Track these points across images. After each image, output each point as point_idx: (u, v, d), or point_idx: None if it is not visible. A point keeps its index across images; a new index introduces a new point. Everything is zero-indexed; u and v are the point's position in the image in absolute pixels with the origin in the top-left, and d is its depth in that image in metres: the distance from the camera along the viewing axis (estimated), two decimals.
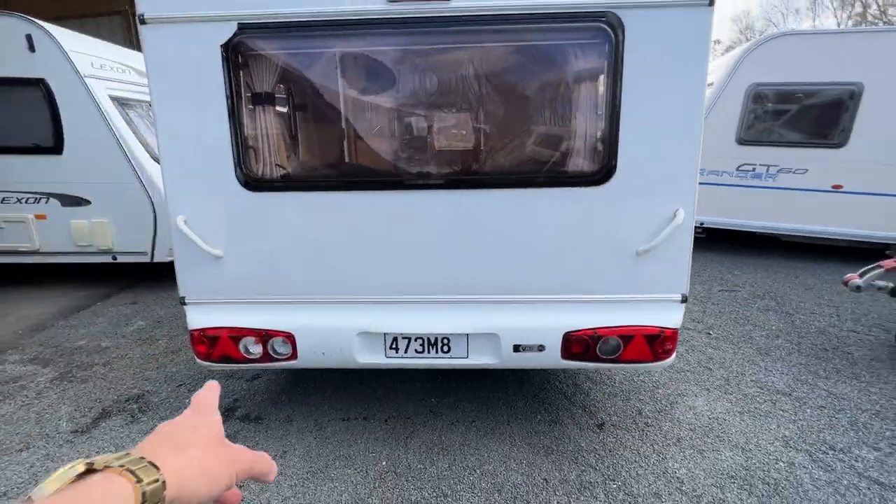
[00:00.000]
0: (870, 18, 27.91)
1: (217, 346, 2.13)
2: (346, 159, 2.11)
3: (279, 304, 2.15)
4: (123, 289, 4.77)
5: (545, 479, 2.10)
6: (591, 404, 2.67)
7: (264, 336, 2.11)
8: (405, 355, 2.14)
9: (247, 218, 2.07)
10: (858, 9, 29.35)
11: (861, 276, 3.19)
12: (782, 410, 2.62)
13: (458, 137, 2.06)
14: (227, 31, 1.88)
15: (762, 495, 2.01)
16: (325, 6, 1.84)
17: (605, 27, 1.81)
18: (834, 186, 5.23)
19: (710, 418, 2.55)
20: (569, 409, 2.62)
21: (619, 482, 2.09)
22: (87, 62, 4.20)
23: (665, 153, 1.92)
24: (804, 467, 2.18)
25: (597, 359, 2.08)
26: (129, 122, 4.37)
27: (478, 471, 2.15)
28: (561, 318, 2.06)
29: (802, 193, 5.35)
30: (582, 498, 1.99)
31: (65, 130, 4.21)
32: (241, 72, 1.92)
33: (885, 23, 26.07)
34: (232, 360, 2.17)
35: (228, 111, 1.94)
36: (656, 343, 2.04)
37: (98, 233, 4.41)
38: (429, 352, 2.13)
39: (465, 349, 2.12)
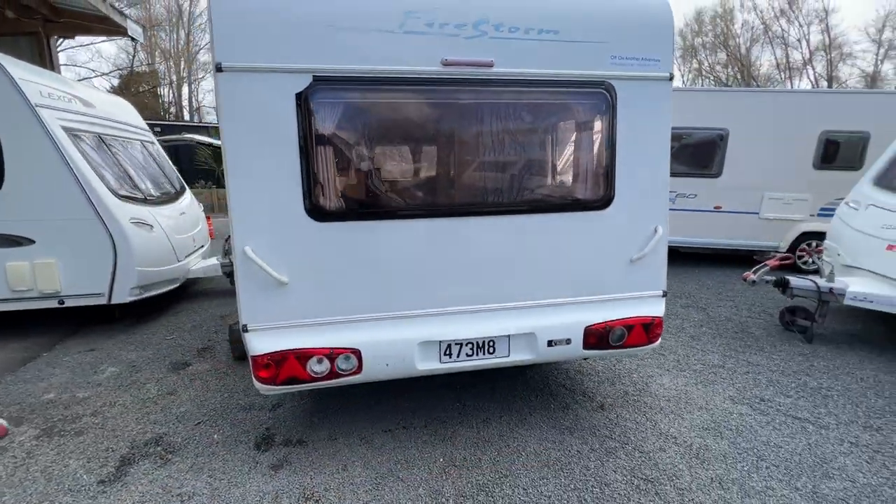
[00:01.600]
0: (703, 73, 34.42)
1: (283, 368, 2.24)
2: (403, 192, 2.43)
3: (343, 324, 2.34)
4: (68, 336, 4.27)
5: (578, 451, 2.54)
6: (588, 391, 3.20)
7: (330, 354, 2.28)
8: (457, 359, 2.46)
9: (312, 246, 2.27)
10: (695, 65, 36.19)
11: (755, 273, 4.23)
12: (722, 378, 3.40)
13: (497, 172, 2.51)
14: (303, 82, 2.14)
15: (731, 438, 2.67)
16: (390, 65, 2.20)
17: (605, 91, 2.43)
18: (716, 207, 6.66)
19: (677, 391, 3.22)
20: (573, 397, 3.11)
21: (631, 445, 2.60)
22: (37, 90, 3.88)
23: (646, 183, 2.57)
24: (749, 415, 2.91)
25: (608, 346, 2.61)
26: (85, 155, 4.07)
27: (523, 453, 2.52)
28: (581, 316, 2.56)
29: (694, 213, 6.71)
30: (610, 460, 2.46)
31: (6, 163, 3.80)
32: (312, 116, 2.17)
33: (715, 78, 32.49)
34: (298, 380, 2.29)
35: (299, 150, 2.18)
36: (650, 329, 2.64)
37: (43, 275, 3.97)
38: (477, 354, 2.48)
39: (507, 349, 2.50)
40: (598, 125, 2.50)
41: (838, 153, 6.37)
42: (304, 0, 2.13)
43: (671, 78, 2.53)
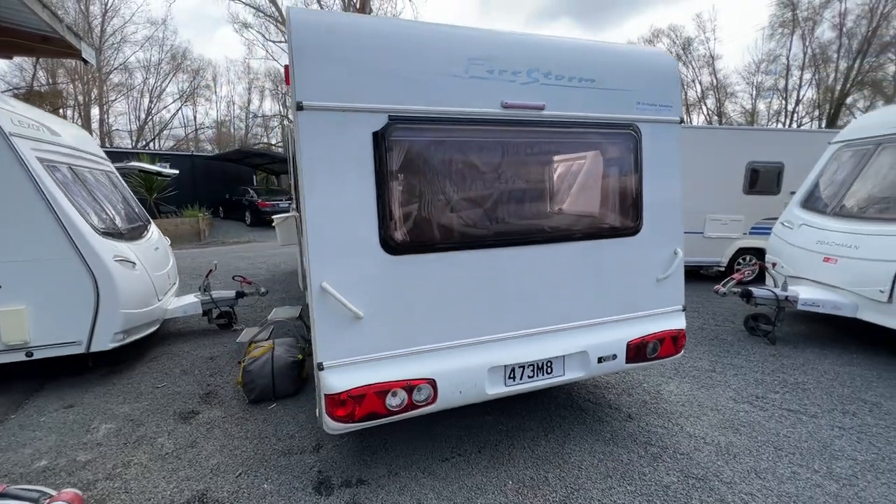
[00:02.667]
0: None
1: (363, 404, 2.22)
2: (469, 224, 2.53)
3: (416, 354, 2.37)
4: (33, 393, 3.73)
5: (628, 459, 2.73)
6: (612, 403, 3.43)
7: (407, 386, 2.29)
8: (520, 381, 2.57)
9: (386, 278, 2.30)
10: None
11: (723, 286, 4.82)
12: (717, 381, 3.81)
13: (548, 204, 2.72)
14: (380, 121, 2.23)
15: (746, 433, 3.01)
16: (457, 106, 2.36)
17: (632, 132, 2.77)
18: None
19: (685, 396, 3.56)
20: (602, 410, 3.33)
21: (671, 448, 2.85)
22: (8, 118, 3.49)
23: (666, 212, 2.93)
24: (752, 412, 3.30)
25: (645, 359, 2.86)
26: (63, 188, 3.69)
27: (582, 467, 2.66)
28: (622, 332, 2.80)
29: None
30: (660, 464, 2.68)
31: None
32: (387, 154, 2.24)
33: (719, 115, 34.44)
34: (376, 416, 2.27)
35: (375, 186, 2.24)
36: (677, 341, 2.94)
37: (8, 324, 3.47)
38: (537, 375, 2.61)
39: (562, 368, 2.66)
40: (627, 161, 2.82)
41: (759, 180, 7.47)
42: (379, 46, 2.24)
43: (681, 121, 2.95)
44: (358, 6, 20.92)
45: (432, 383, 2.34)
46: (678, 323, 2.97)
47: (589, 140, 2.72)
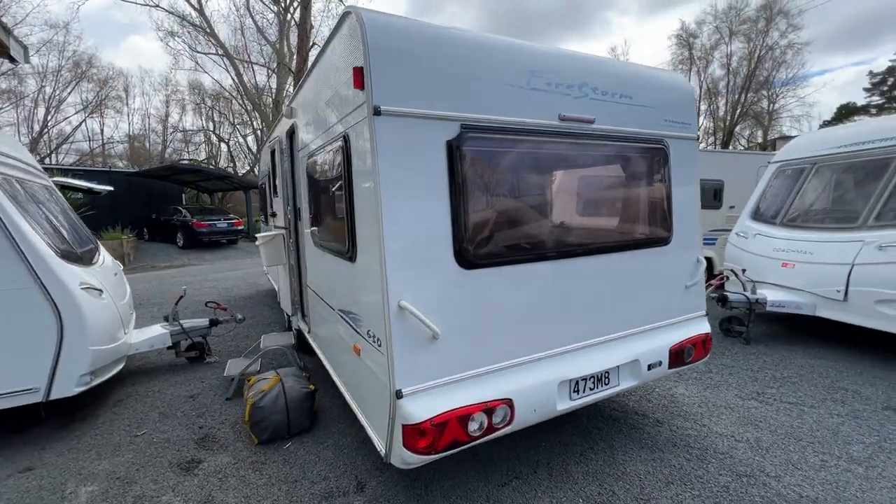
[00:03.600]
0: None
1: (445, 432, 2.04)
2: (536, 235, 2.47)
3: (492, 373, 2.25)
4: None
5: (678, 464, 2.78)
6: (637, 411, 3.51)
7: (487, 409, 2.16)
8: (583, 395, 2.53)
9: (460, 293, 2.18)
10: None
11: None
12: (719, 382, 4.06)
13: (601, 214, 2.75)
14: (453, 130, 2.14)
15: (766, 428, 3.22)
16: (521, 117, 2.34)
17: (663, 146, 2.92)
18: None
19: (698, 397, 3.74)
20: (633, 417, 3.38)
21: (711, 449, 2.95)
22: None
23: (689, 222, 3.10)
24: (760, 407, 3.55)
25: (683, 363, 2.97)
26: (16, 204, 3.08)
27: (640, 476, 2.66)
28: (665, 339, 2.89)
29: None
30: (710, 465, 2.76)
31: None
32: (460, 164, 2.15)
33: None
34: (458, 443, 2.10)
35: (449, 197, 2.13)
36: (706, 344, 3.09)
37: None
38: (597, 387, 2.59)
39: (618, 378, 2.67)
40: (660, 174, 2.96)
41: (704, 196, 8.26)
42: (449, 52, 2.16)
43: (698, 139, 3.16)
44: (298, 21, 20.39)
45: (510, 403, 2.23)
46: (705, 327, 3.13)
47: (629, 153, 2.82)
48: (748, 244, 5.85)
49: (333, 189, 2.75)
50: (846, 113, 34.51)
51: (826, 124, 34.55)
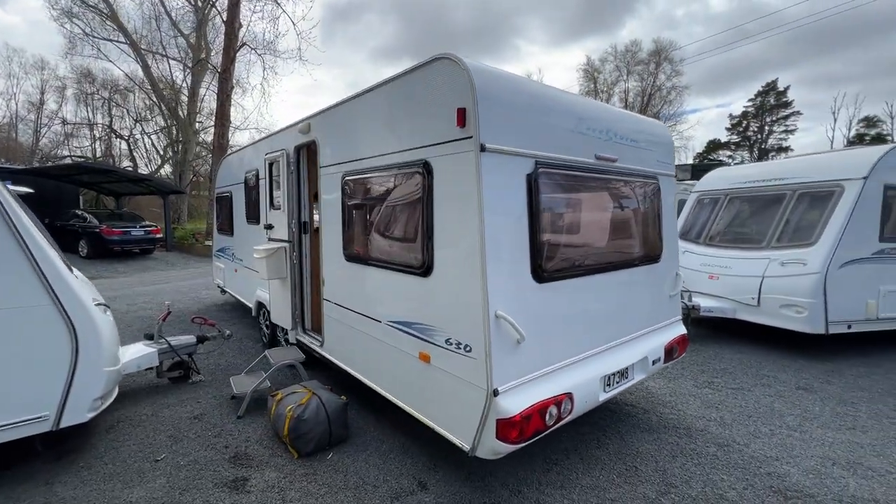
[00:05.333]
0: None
1: (530, 423, 2.38)
2: (585, 253, 2.91)
3: (556, 371, 2.64)
4: None
5: (677, 441, 3.40)
6: (626, 402, 4.13)
7: (557, 402, 2.54)
8: (613, 387, 3.02)
9: (535, 303, 2.56)
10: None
11: None
12: (675, 375, 4.87)
13: (623, 236, 3.29)
14: (530, 165, 2.54)
15: (723, 408, 4.01)
16: (572, 156, 2.81)
17: (657, 182, 3.60)
18: None
19: (666, 388, 4.48)
20: (623, 409, 3.98)
21: (692, 427, 3.63)
22: None
23: (672, 243, 3.82)
24: (715, 393, 4.37)
25: (671, 359, 3.62)
26: (35, 221, 2.80)
27: (653, 452, 3.21)
28: (659, 339, 3.52)
29: None
30: (696, 440, 3.41)
31: None
32: (535, 194, 2.54)
33: None
34: (539, 432, 2.45)
35: (528, 221, 2.52)
36: (684, 343, 3.80)
37: None
38: (620, 381, 3.10)
39: (633, 372, 3.21)
40: (655, 204, 3.63)
41: None
42: (527, 100, 2.57)
43: (676, 177, 3.91)
44: (226, 19, 19.24)
45: (570, 397, 2.63)
46: (682, 329, 3.84)
47: (636, 187, 3.43)
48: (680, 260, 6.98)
49: (394, 208, 2.97)
50: (713, 147, 41.17)
51: (700, 155, 40.78)
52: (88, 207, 18.89)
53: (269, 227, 4.83)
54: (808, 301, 5.21)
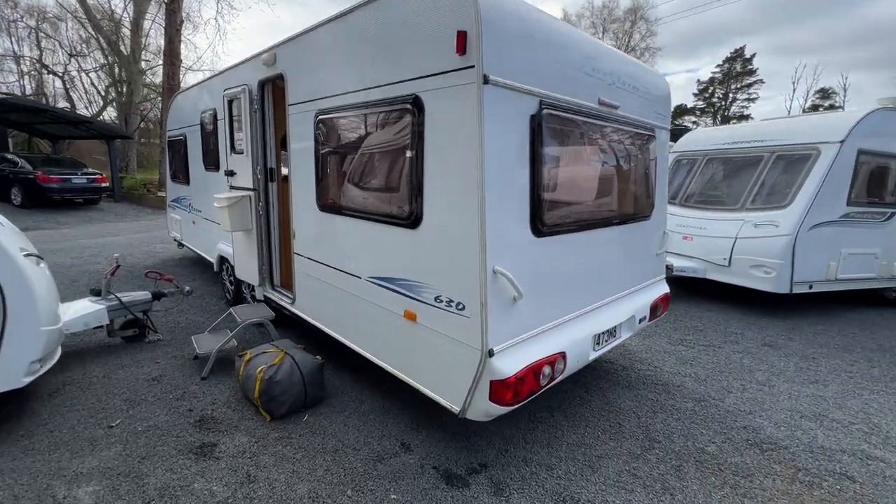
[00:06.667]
0: None
1: (524, 384, 2.26)
2: (584, 206, 2.71)
3: (550, 330, 2.51)
4: None
5: (655, 398, 3.43)
6: (604, 359, 4.14)
7: (550, 361, 2.42)
8: (602, 346, 2.94)
9: (532, 259, 2.38)
10: None
11: None
12: (650, 334, 4.95)
13: (620, 189, 3.10)
14: (534, 105, 2.28)
15: (697, 364, 4.10)
16: (577, 98, 2.57)
17: (653, 134, 3.42)
18: None
19: (642, 346, 4.54)
20: (603, 366, 4.00)
21: (670, 384, 3.68)
22: None
23: (662, 201, 3.71)
24: (687, 350, 4.47)
25: (655, 317, 3.59)
26: None
27: (634, 409, 3.23)
28: (645, 297, 3.46)
29: None
30: (675, 396, 3.47)
31: None
32: (538, 138, 2.30)
33: None
34: (532, 392, 2.34)
35: (530, 168, 2.29)
36: (667, 301, 3.78)
37: None
38: (608, 340, 3.03)
39: (620, 331, 3.15)
40: (650, 158, 3.46)
41: None
42: (539, 34, 2.28)
43: (670, 130, 3.74)
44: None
45: (563, 356, 2.52)
46: (666, 288, 3.82)
47: (634, 139, 3.24)
48: None
49: (378, 152, 2.65)
50: (679, 112, 41.71)
51: None
52: (20, 151, 17.03)
53: (230, 173, 4.36)
54: (777, 262, 5.34)
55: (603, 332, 2.92)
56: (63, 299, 3.70)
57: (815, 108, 34.49)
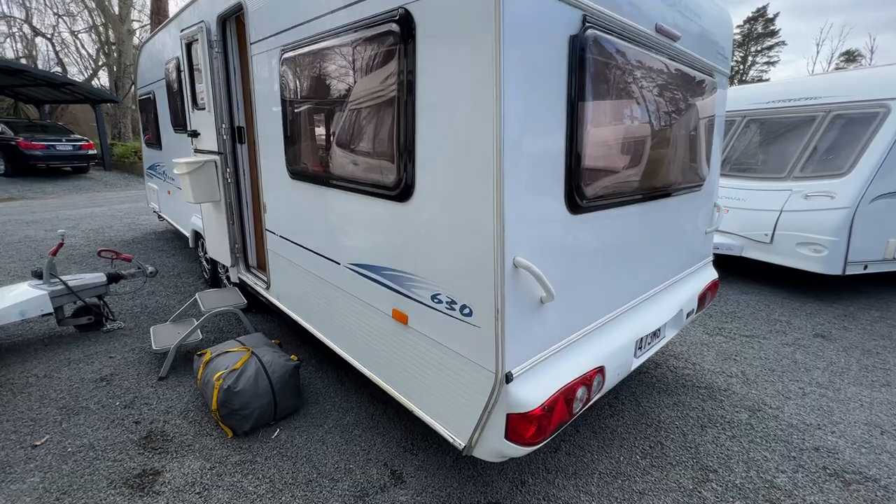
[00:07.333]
0: None
1: (554, 415, 1.66)
2: (635, 173, 2.03)
3: (585, 337, 1.90)
4: None
5: (700, 405, 2.85)
6: (652, 369, 3.54)
7: (586, 381, 1.82)
8: (644, 351, 2.33)
9: (566, 243, 1.74)
10: None
11: None
12: (709, 327, 4.33)
13: (679, 151, 2.38)
14: (576, 22, 1.57)
15: (741, 360, 3.50)
16: (632, 21, 1.84)
17: (714, 80, 2.68)
18: None
19: (703, 342, 3.93)
20: (649, 374, 3.40)
21: (713, 387, 3.09)
22: None
23: (716, 165, 2.99)
24: (726, 341, 3.86)
25: (702, 307, 2.96)
26: None
27: (674, 420, 2.65)
28: (694, 286, 2.82)
29: None
30: (722, 403, 2.88)
31: None
32: (581, 71, 1.60)
33: None
34: (562, 424, 1.74)
35: (566, 118, 1.60)
36: (716, 288, 3.13)
37: None
38: (650, 342, 2.42)
39: (664, 330, 2.53)
40: (710, 111, 2.73)
41: None
42: None
43: (729, 75, 2.99)
44: None
45: (602, 371, 1.92)
46: (714, 273, 3.16)
47: (694, 84, 2.50)
48: None
49: (353, 96, 1.97)
50: None
51: None
52: (5, 116, 16.29)
53: (193, 134, 3.68)
54: (831, 239, 4.64)
55: (647, 335, 2.30)
56: (23, 278, 3.16)
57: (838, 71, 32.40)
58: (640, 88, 2.04)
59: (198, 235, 4.62)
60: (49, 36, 25.83)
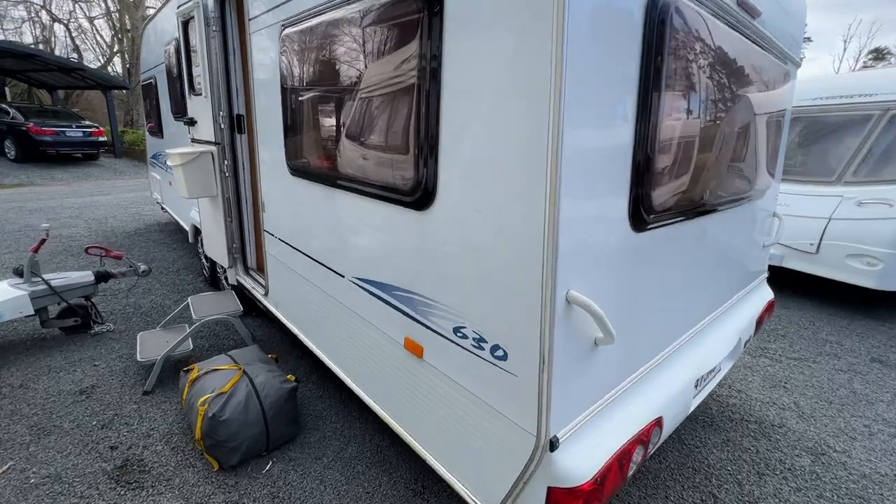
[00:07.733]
0: None
1: (606, 485, 1.31)
2: (710, 180, 1.66)
3: (637, 382, 1.54)
4: None
5: (746, 447, 2.48)
6: None
7: (643, 436, 1.46)
8: (700, 391, 1.97)
9: (624, 269, 1.37)
10: None
11: None
12: (751, 346, 3.93)
13: (744, 148, 2.00)
14: None
15: (792, 388, 3.11)
16: None
17: (788, 69, 2.27)
18: None
19: (746, 364, 3.54)
20: None
21: (765, 422, 2.72)
22: None
23: (780, 169, 2.59)
24: (772, 364, 3.47)
25: (756, 331, 2.58)
26: None
27: (726, 467, 2.29)
28: (751, 308, 2.44)
29: None
30: (776, 442, 2.51)
31: None
32: (657, 50, 1.23)
33: None
34: (617, 489, 1.40)
35: (637, 110, 1.23)
36: (772, 309, 2.75)
37: None
38: (707, 379, 2.05)
39: (722, 363, 2.17)
40: (783, 105, 2.34)
41: None
42: None
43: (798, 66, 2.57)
44: None
45: (660, 423, 1.56)
46: (770, 292, 2.77)
47: (770, 73, 2.10)
48: None
49: (365, 80, 1.62)
50: None
51: None
52: (18, 101, 16.25)
53: (190, 122, 3.37)
54: (887, 252, 4.19)
55: (706, 371, 1.94)
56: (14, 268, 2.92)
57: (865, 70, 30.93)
58: (718, 74, 1.66)
59: (197, 230, 4.33)
60: (66, 22, 25.85)
